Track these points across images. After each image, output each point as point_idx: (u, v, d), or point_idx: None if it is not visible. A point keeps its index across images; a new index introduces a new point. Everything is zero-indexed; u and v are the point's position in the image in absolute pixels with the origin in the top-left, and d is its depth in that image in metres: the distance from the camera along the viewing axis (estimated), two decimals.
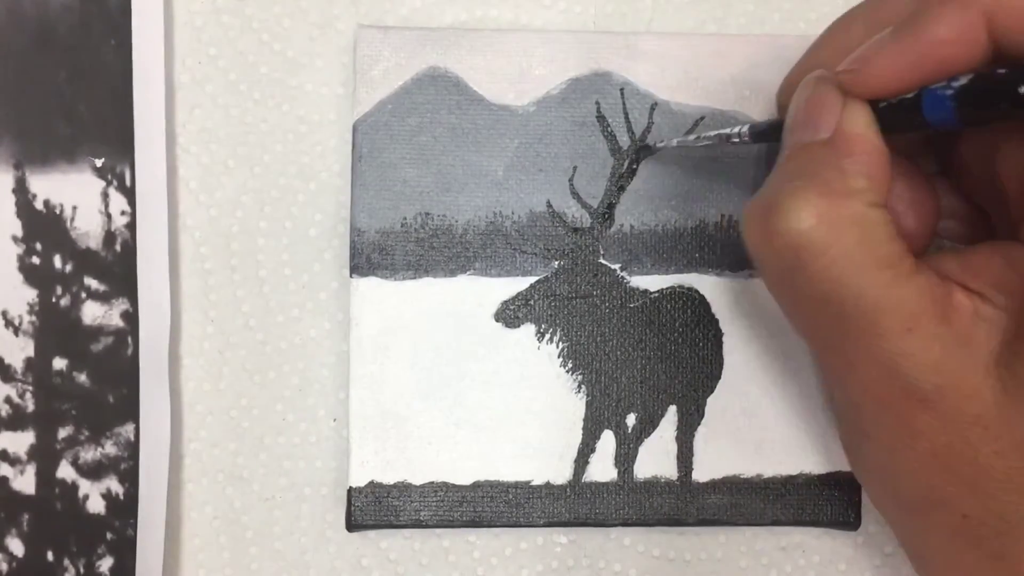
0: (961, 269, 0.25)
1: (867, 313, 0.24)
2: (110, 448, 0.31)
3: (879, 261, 0.24)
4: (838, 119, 0.25)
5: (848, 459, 0.29)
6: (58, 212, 0.31)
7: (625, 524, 0.31)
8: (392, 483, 0.31)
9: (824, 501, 0.32)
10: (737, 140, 0.29)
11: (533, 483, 0.31)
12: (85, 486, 0.31)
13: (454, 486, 0.31)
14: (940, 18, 0.23)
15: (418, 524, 0.31)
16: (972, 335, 0.24)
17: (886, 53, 0.24)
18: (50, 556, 0.31)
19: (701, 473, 0.31)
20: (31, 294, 0.31)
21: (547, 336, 0.32)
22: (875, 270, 0.24)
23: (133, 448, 0.31)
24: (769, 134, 0.28)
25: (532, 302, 0.32)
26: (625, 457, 0.31)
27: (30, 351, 0.31)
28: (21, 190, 0.31)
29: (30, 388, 0.31)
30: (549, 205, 0.32)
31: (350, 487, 0.31)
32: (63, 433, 0.31)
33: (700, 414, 0.32)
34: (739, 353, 0.32)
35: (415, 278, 0.31)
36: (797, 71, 0.29)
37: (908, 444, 0.25)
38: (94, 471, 0.31)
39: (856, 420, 0.26)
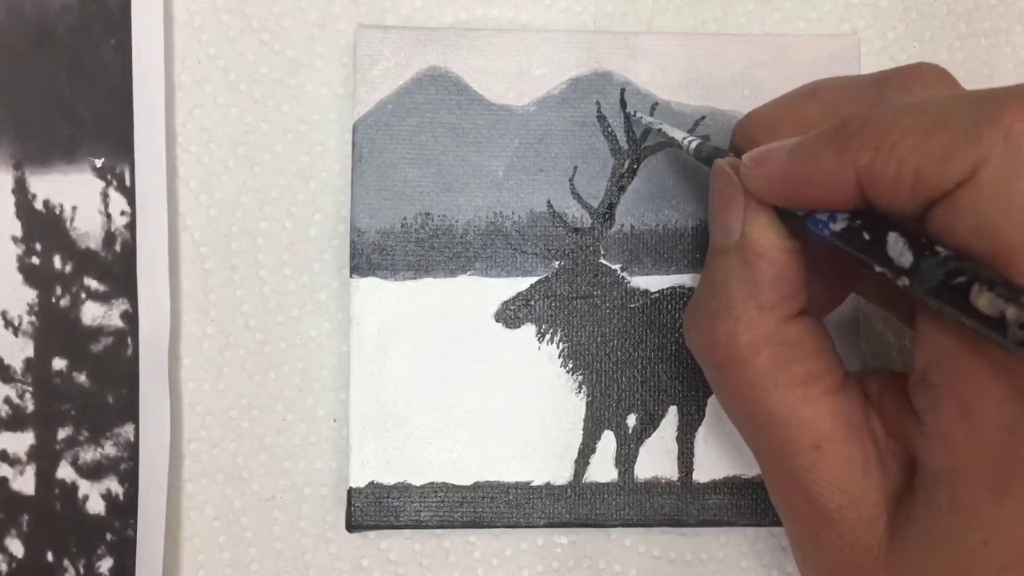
0: (880, 394, 0.25)
1: (778, 427, 0.24)
2: (110, 448, 0.31)
3: (793, 378, 0.24)
4: (742, 220, 0.25)
5: None
6: (58, 212, 0.31)
7: (626, 525, 0.31)
8: (392, 483, 0.31)
9: None
10: (683, 150, 0.29)
11: (533, 483, 0.31)
12: (85, 487, 0.31)
13: (454, 486, 0.31)
14: (818, 161, 0.23)
15: (418, 525, 0.31)
16: (880, 464, 0.24)
17: (775, 166, 0.24)
18: (50, 557, 0.31)
19: (702, 473, 0.31)
20: (31, 294, 0.31)
21: (548, 336, 0.31)
22: (788, 387, 0.24)
23: (133, 448, 0.31)
24: (707, 162, 0.28)
25: (532, 302, 0.32)
26: (626, 458, 0.31)
27: (30, 351, 0.31)
28: (21, 190, 0.31)
29: (30, 389, 0.31)
30: (549, 205, 0.32)
31: (350, 487, 0.31)
32: (63, 434, 0.31)
33: (701, 414, 0.32)
34: None
35: (415, 278, 0.31)
36: (755, 117, 0.28)
37: (819, 558, 0.25)
38: (94, 472, 0.31)
39: (784, 524, 0.26)
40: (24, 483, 0.31)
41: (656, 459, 0.31)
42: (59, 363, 0.31)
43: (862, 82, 0.26)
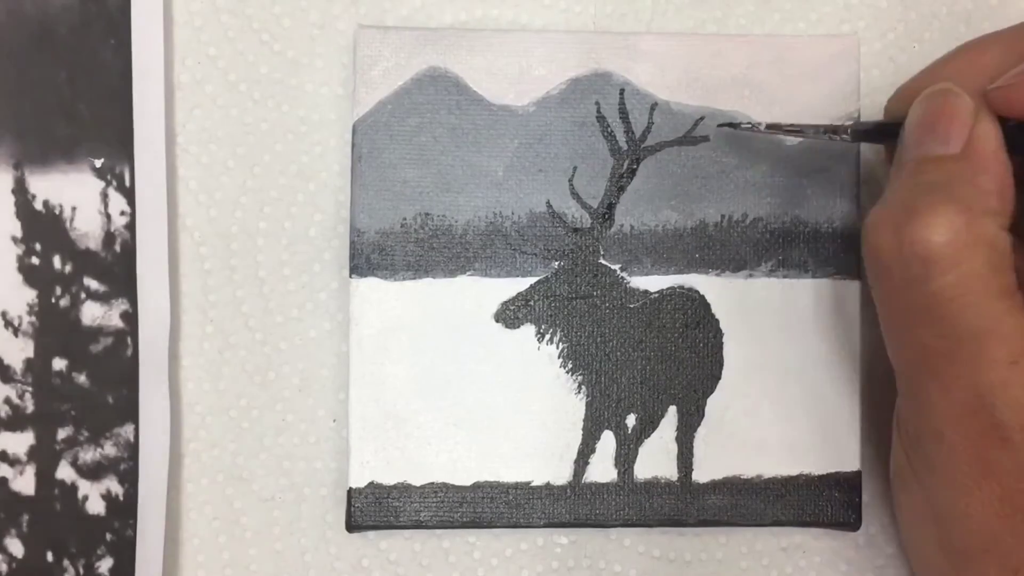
0: None
1: (978, 337, 0.24)
2: (110, 449, 0.31)
3: (1001, 288, 0.24)
4: (969, 134, 0.25)
5: (897, 499, 0.28)
6: (58, 212, 0.31)
7: (625, 525, 0.31)
8: (392, 484, 0.31)
9: (825, 502, 0.31)
10: (836, 138, 0.29)
11: (533, 484, 0.31)
12: (85, 487, 0.31)
13: (454, 487, 0.31)
14: None
15: (418, 525, 0.31)
16: None
17: None
18: (50, 557, 0.31)
19: (701, 474, 0.31)
20: (31, 295, 0.31)
21: (547, 337, 0.31)
22: (995, 297, 0.24)
23: (133, 449, 0.31)
24: (873, 135, 0.29)
25: (532, 302, 0.32)
26: (625, 458, 0.31)
27: (29, 352, 0.31)
28: (21, 190, 0.31)
29: (29, 389, 0.31)
30: (549, 205, 0.32)
31: (350, 488, 0.31)
32: (63, 434, 0.31)
33: (700, 414, 0.32)
34: (739, 353, 0.32)
35: (415, 278, 0.31)
36: (916, 81, 0.28)
37: (977, 483, 0.24)
38: (94, 472, 0.31)
39: (929, 451, 0.26)
40: (24, 483, 0.31)
41: (656, 459, 0.31)
42: (59, 363, 0.31)
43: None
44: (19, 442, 0.31)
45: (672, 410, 0.32)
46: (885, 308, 0.26)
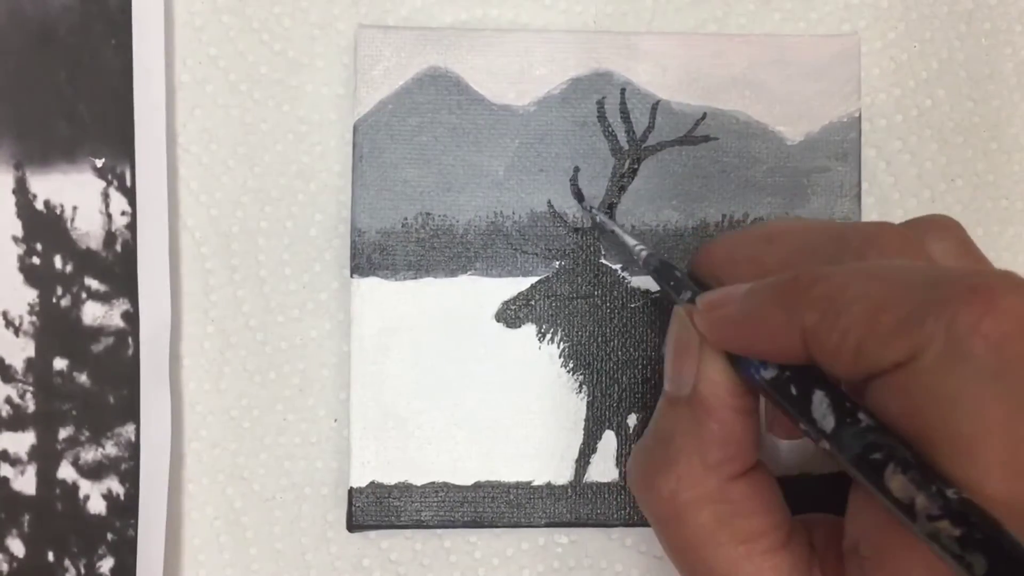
0: (824, 544, 0.25)
1: None
2: (111, 448, 0.31)
3: (734, 536, 0.24)
4: (695, 372, 0.25)
5: None
6: (58, 212, 0.31)
7: (627, 524, 0.31)
8: (393, 483, 0.31)
9: (824, 501, 0.31)
10: (635, 259, 0.29)
11: (534, 483, 0.31)
12: (86, 486, 0.31)
13: (455, 486, 0.31)
14: (767, 313, 0.23)
15: (419, 524, 0.31)
16: None
17: (729, 311, 0.24)
18: (51, 556, 0.31)
19: None
20: (31, 294, 0.31)
21: (548, 336, 0.31)
22: (728, 545, 0.24)
23: (134, 448, 0.31)
24: (656, 276, 0.28)
25: (533, 302, 0.32)
26: (627, 457, 0.31)
27: (30, 351, 0.31)
28: (21, 190, 0.31)
29: (30, 388, 0.31)
30: (550, 205, 0.32)
31: (351, 487, 0.31)
32: (64, 433, 0.31)
33: None
34: None
35: (416, 278, 0.31)
36: (716, 248, 0.28)
37: None
38: (95, 471, 0.31)
39: None
40: (25, 483, 0.31)
41: None
42: (60, 363, 0.31)
43: (823, 234, 0.26)
44: (20, 442, 0.31)
45: None
46: (659, 542, 0.26)
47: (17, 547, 0.31)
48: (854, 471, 0.21)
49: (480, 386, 0.31)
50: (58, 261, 0.31)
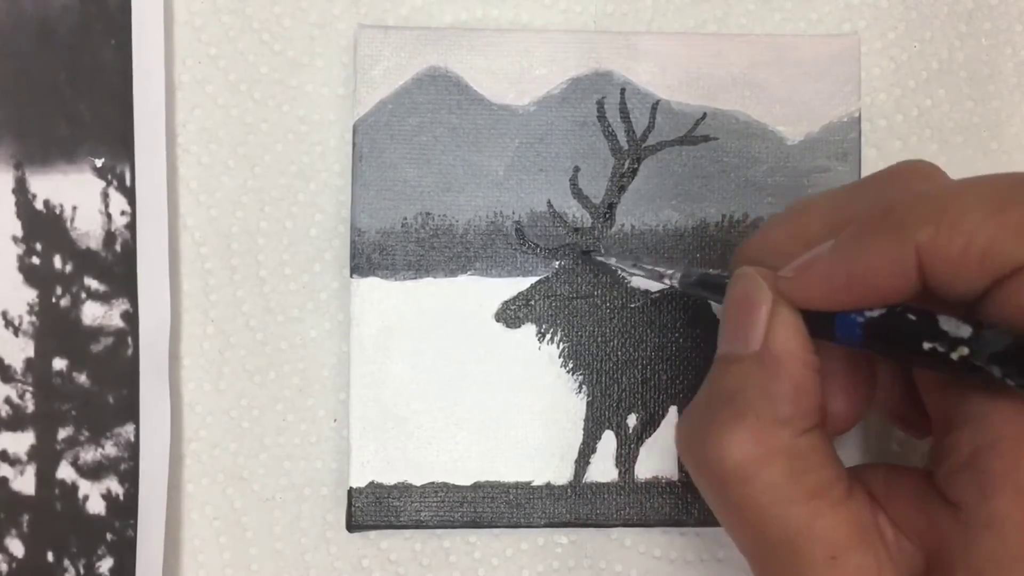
0: (887, 491, 0.25)
1: (790, 542, 0.24)
2: (110, 449, 0.31)
3: (806, 491, 0.24)
4: (765, 330, 0.24)
5: None
6: (58, 212, 0.31)
7: (626, 525, 0.31)
8: (393, 483, 0.31)
9: None
10: (668, 283, 0.29)
11: (534, 483, 0.31)
12: (85, 487, 0.31)
13: (455, 486, 0.31)
14: (873, 248, 0.23)
15: (419, 524, 0.31)
16: (893, 567, 0.24)
17: (822, 269, 0.24)
18: (50, 557, 0.31)
19: None
20: (31, 294, 0.31)
21: (548, 336, 0.31)
22: (800, 501, 0.24)
23: (133, 449, 0.31)
24: (700, 288, 0.28)
25: (533, 302, 0.32)
26: (626, 457, 0.31)
27: (30, 351, 0.31)
28: (21, 190, 0.31)
29: (30, 388, 0.31)
30: (550, 205, 0.32)
31: (350, 487, 0.31)
32: (63, 434, 0.31)
33: None
34: None
35: (415, 278, 0.31)
36: (752, 244, 0.28)
37: None
38: (94, 472, 0.31)
39: None
40: (24, 483, 0.31)
41: (656, 459, 0.31)
42: (59, 363, 0.31)
43: (855, 187, 0.26)
44: (19, 442, 0.31)
45: (673, 410, 0.32)
46: (715, 507, 0.26)
47: (16, 547, 0.31)
48: (997, 370, 0.21)
49: (480, 386, 0.31)
50: (58, 261, 0.31)
